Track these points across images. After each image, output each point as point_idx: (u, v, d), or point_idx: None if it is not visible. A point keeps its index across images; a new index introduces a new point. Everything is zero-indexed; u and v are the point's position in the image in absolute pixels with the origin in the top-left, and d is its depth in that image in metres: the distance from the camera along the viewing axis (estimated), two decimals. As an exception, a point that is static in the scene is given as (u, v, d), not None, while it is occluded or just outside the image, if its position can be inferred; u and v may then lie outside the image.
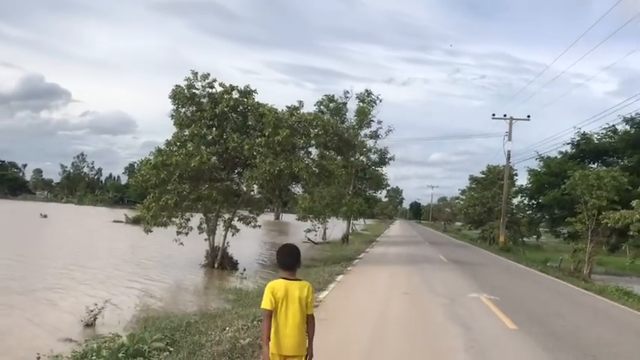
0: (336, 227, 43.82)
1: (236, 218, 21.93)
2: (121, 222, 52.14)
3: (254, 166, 19.69)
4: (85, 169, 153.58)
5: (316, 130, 20.74)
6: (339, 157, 27.90)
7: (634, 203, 20.15)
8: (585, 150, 36.62)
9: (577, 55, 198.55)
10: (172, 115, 21.68)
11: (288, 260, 4.32)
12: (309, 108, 26.47)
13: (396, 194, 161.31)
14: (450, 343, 8.23)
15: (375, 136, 37.71)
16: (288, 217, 75.56)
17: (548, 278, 21.61)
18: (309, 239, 38.73)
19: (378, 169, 42.06)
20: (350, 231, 44.86)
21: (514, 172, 48.65)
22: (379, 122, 37.52)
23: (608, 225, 21.82)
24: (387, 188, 60.35)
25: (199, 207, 21.36)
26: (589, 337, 9.50)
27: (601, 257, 32.41)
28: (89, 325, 10.60)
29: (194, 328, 9.23)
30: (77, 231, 40.50)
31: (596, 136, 36.84)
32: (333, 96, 34.63)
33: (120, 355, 6.38)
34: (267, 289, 4.19)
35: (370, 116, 36.03)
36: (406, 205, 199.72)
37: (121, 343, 6.61)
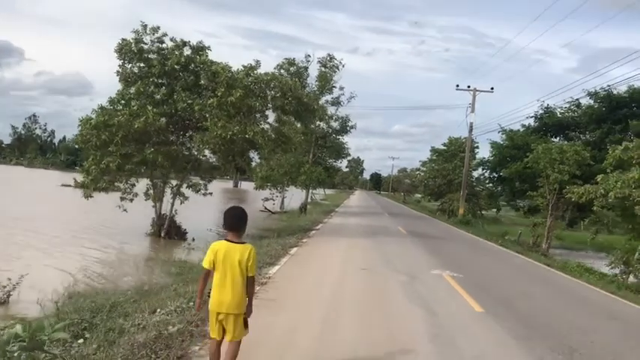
0: (295, 196, 42.75)
1: (185, 185, 20.47)
2: (70, 186, 49.73)
3: (205, 129, 18.24)
4: (38, 131, 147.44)
5: (273, 92, 19.37)
6: (298, 125, 26.70)
7: (599, 178, 19.62)
8: (548, 124, 36.46)
9: (539, 31, 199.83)
10: (118, 72, 19.93)
11: (232, 222, 4.53)
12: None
13: (357, 165, 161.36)
14: (412, 330, 7.25)
15: (336, 102, 36.45)
16: (248, 185, 73.93)
17: (510, 253, 21.12)
18: (265, 208, 37.59)
19: (339, 137, 40.94)
20: (309, 200, 43.87)
21: (475, 145, 48.31)
22: (341, 88, 36.25)
23: (572, 199, 21.35)
24: (348, 158, 59.40)
25: (143, 171, 19.82)
26: (561, 322, 8.69)
27: (559, 232, 32.41)
28: (1, 303, 9.23)
29: (120, 309, 8.01)
30: (20, 195, 38.19)
31: (559, 110, 36.69)
32: (293, 59, 33.10)
33: (11, 347, 5.11)
34: (209, 249, 4.47)
35: (332, 82, 34.70)
36: (367, 175, 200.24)
37: (14, 334, 5.32)
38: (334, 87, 35.16)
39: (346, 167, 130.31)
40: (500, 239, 27.05)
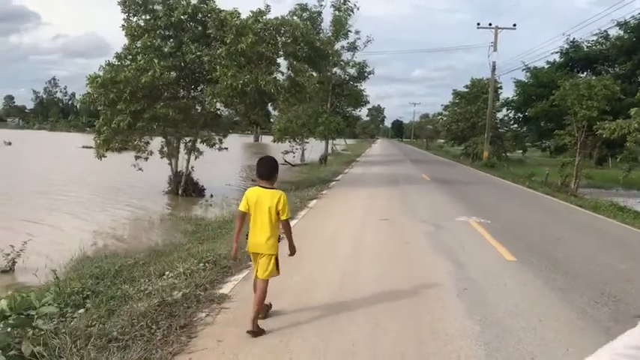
0: (316, 148, 42.08)
1: (199, 140, 19.89)
2: (91, 147, 49.67)
3: (215, 81, 17.49)
4: (59, 95, 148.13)
5: (284, 38, 18.45)
6: (314, 74, 25.81)
7: (632, 112, 18.52)
8: (574, 58, 34.83)
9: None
10: (123, 26, 19.15)
11: (262, 171, 4.96)
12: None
13: (377, 113, 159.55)
14: (437, 284, 6.67)
15: (352, 48, 35.13)
16: (269, 139, 73.41)
17: (538, 195, 20.35)
18: (285, 161, 37.04)
19: (357, 84, 39.72)
20: (329, 151, 43.20)
21: (499, 85, 46.67)
22: (357, 32, 34.83)
23: (604, 136, 20.28)
24: (368, 106, 57.73)
25: (155, 128, 19.25)
26: (600, 268, 8.03)
27: (588, 171, 31.36)
28: (6, 271, 8.88)
29: (126, 273, 7.58)
30: (40, 158, 38.24)
31: (586, 43, 34.95)
32: (306, 4, 31.74)
33: (-4, 325, 4.67)
34: (244, 194, 4.95)
35: (347, 26, 33.31)
36: (388, 123, 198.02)
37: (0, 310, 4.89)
38: (349, 31, 33.83)
39: (367, 116, 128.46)
40: (527, 181, 26.24)
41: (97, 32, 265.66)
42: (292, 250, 5.12)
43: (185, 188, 19.19)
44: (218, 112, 20.86)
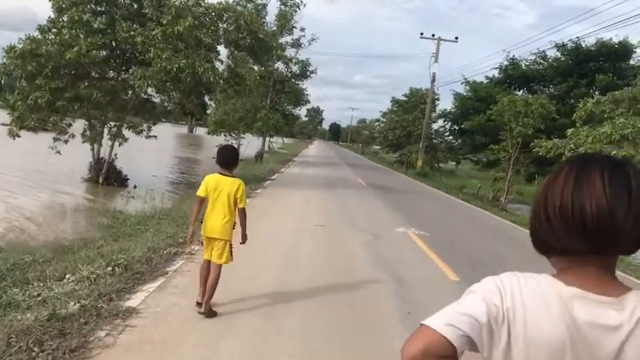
0: (252, 144, 40.97)
1: (125, 126, 18.44)
2: (7, 125, 46.37)
3: (148, 63, 16.19)
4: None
5: (226, 25, 17.40)
6: (255, 67, 24.87)
7: (569, 132, 18.72)
8: (513, 76, 35.49)
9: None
10: (51, -5, 17.45)
11: (221, 159, 5.16)
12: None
13: (316, 114, 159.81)
14: (379, 306, 5.98)
15: (297, 44, 34.28)
16: (203, 131, 71.27)
17: (471, 207, 20.32)
18: (219, 155, 35.67)
19: (299, 82, 38.96)
20: (266, 149, 42.19)
21: (436, 97, 47.14)
22: (302, 29, 34.04)
23: (540, 154, 20.46)
24: (308, 106, 56.93)
25: (77, 109, 17.66)
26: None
27: (519, 187, 31.96)
28: None
29: (19, 273, 6.45)
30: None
31: (524, 62, 35.70)
32: (251, -5, 30.54)
33: None
34: (203, 180, 5.14)
35: (292, 22, 32.44)
36: (326, 125, 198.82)
37: None
38: (294, 27, 32.98)
39: (305, 116, 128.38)
40: (459, 193, 26.37)
41: (29, 5, 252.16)
42: (244, 239, 5.30)
43: (107, 177, 17.71)
44: (149, 97, 19.51)
